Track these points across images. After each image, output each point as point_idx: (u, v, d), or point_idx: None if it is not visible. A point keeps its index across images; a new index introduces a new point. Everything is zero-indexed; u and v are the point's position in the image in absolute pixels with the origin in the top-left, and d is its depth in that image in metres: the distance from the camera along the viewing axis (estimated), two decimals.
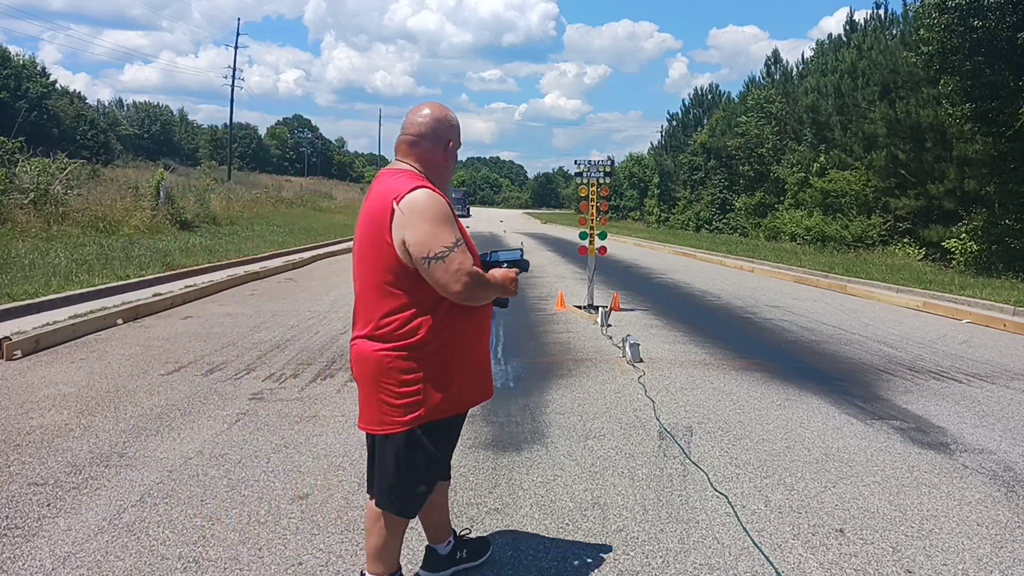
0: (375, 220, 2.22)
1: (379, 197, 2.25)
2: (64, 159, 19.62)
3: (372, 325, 2.25)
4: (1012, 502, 3.46)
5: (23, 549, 2.77)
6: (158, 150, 72.40)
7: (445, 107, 2.42)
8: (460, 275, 2.17)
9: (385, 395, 2.24)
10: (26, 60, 51.61)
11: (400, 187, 2.21)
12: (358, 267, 2.33)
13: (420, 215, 2.17)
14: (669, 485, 3.57)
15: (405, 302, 2.22)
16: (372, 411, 2.29)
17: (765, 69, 40.36)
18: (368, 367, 2.26)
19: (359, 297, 2.33)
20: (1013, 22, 13.94)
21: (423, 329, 2.22)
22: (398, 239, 2.17)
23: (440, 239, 2.17)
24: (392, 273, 2.20)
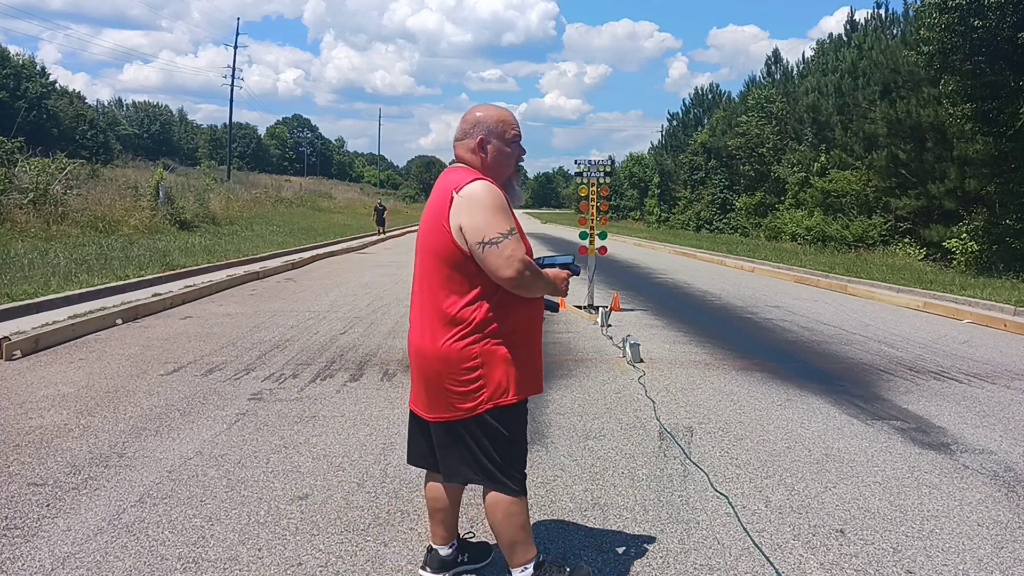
0: (436, 210, 2.34)
1: (440, 190, 2.38)
2: (63, 159, 19.62)
3: (433, 312, 2.34)
4: (1013, 502, 3.46)
5: (23, 549, 2.76)
6: (157, 150, 72.42)
7: (494, 107, 2.51)
8: (512, 261, 2.25)
9: (456, 381, 2.31)
10: (25, 60, 51.63)
11: (459, 179, 2.34)
12: (420, 258, 2.42)
13: (477, 203, 2.26)
14: (669, 485, 3.56)
15: (465, 289, 2.30)
16: (443, 400, 2.35)
17: (765, 69, 40.40)
18: (430, 354, 2.34)
19: (419, 285, 2.43)
20: (1013, 22, 13.94)
21: (480, 314, 2.30)
22: (455, 225, 2.27)
23: (495, 226, 2.25)
24: (451, 260, 2.30)
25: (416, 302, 2.45)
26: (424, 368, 2.37)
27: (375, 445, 4.05)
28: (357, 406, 4.83)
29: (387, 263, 16.93)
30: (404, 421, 4.50)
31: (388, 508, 3.22)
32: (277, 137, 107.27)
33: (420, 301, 2.42)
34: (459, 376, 2.30)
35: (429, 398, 2.38)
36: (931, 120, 19.99)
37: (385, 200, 50.61)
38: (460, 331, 2.29)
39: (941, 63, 15.83)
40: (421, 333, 2.38)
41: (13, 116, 30.81)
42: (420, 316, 2.40)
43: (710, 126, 41.43)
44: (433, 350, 2.32)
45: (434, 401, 2.37)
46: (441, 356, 2.31)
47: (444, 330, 2.31)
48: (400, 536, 2.95)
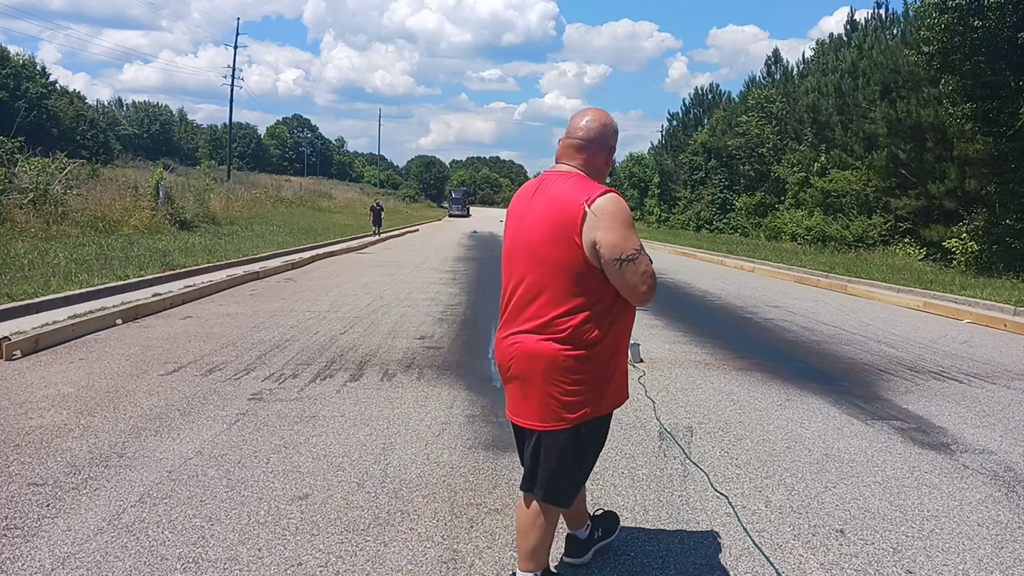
0: (562, 222, 2.28)
1: (559, 200, 2.31)
2: (63, 159, 19.61)
3: (543, 322, 2.31)
4: (1013, 502, 3.46)
5: (23, 549, 2.76)
6: (157, 150, 72.45)
7: (608, 113, 2.51)
8: (647, 276, 2.31)
9: (556, 392, 2.31)
10: (26, 60, 51.63)
11: (585, 190, 2.29)
12: (530, 266, 2.35)
13: (613, 218, 2.25)
14: (669, 485, 3.56)
15: (583, 303, 2.28)
16: (539, 408, 2.34)
17: (765, 69, 40.42)
18: (538, 364, 2.31)
19: (526, 294, 2.36)
20: (1013, 22, 13.94)
21: (597, 330, 2.30)
22: (588, 241, 2.24)
23: (631, 242, 2.27)
24: (576, 273, 2.27)
25: (521, 309, 2.37)
26: (535, 374, 2.32)
27: (375, 445, 4.05)
28: (357, 406, 4.83)
29: (387, 263, 16.93)
30: (404, 421, 4.51)
31: (388, 508, 3.22)
32: (277, 137, 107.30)
33: (529, 307, 2.35)
34: (566, 386, 2.30)
35: (530, 406, 2.35)
36: (931, 120, 19.99)
37: (385, 200, 50.54)
38: (575, 343, 2.28)
39: (941, 63, 15.84)
40: (534, 340, 2.32)
41: (13, 116, 30.83)
42: (528, 322, 2.34)
43: (710, 126, 41.44)
44: (544, 359, 2.30)
45: (538, 407, 2.34)
46: (553, 367, 2.29)
47: (559, 340, 2.29)
48: (400, 536, 2.95)
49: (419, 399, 5.05)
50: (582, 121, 2.46)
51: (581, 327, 2.28)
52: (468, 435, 4.27)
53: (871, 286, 13.28)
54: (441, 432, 4.32)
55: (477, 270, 15.78)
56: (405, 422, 4.50)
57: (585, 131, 2.44)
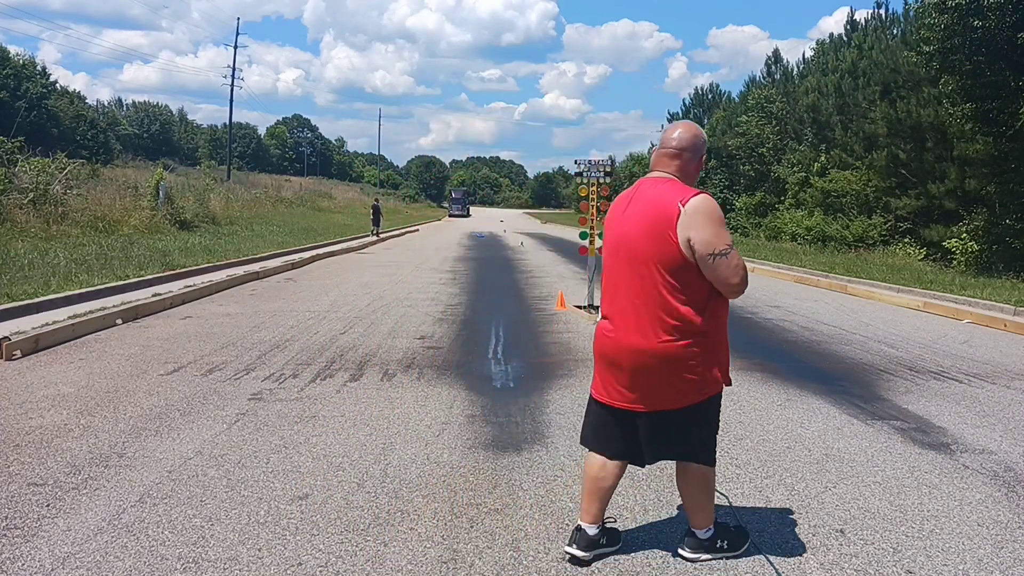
0: (658, 222, 2.53)
1: (656, 201, 2.58)
2: (63, 159, 19.61)
3: (649, 315, 2.56)
4: (1013, 502, 3.46)
5: (23, 549, 2.76)
6: (157, 150, 72.42)
7: (698, 125, 2.80)
8: (738, 269, 2.54)
9: (679, 378, 2.58)
10: (26, 60, 51.62)
11: (679, 192, 2.56)
12: (633, 264, 2.60)
13: (705, 216, 2.49)
14: (669, 485, 3.56)
15: (683, 295, 2.53)
16: (666, 393, 2.61)
17: (766, 69, 40.40)
18: (652, 355, 2.57)
19: (630, 290, 2.61)
20: (1013, 22, 13.94)
21: (701, 318, 2.55)
22: (683, 238, 2.49)
23: (723, 238, 2.51)
24: (674, 268, 2.52)
25: (626, 305, 2.61)
26: (649, 366, 2.57)
27: (375, 445, 4.05)
28: (357, 406, 4.83)
29: (387, 263, 16.93)
30: (404, 421, 4.51)
31: (388, 508, 3.22)
32: (277, 137, 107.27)
33: (633, 304, 2.59)
34: (683, 373, 2.56)
35: (662, 392, 2.60)
36: (931, 120, 19.99)
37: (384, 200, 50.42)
38: (681, 332, 2.53)
39: (941, 63, 15.83)
40: (638, 333, 2.57)
41: (13, 116, 30.82)
42: (635, 318, 2.58)
43: (710, 126, 41.39)
44: (655, 349, 2.55)
45: (669, 393, 2.60)
46: (665, 355, 2.55)
47: (666, 331, 2.54)
48: (400, 536, 2.95)
49: (419, 399, 5.04)
50: (675, 132, 2.72)
51: (685, 315, 2.53)
52: (468, 435, 4.27)
53: (871, 286, 13.28)
54: (441, 432, 4.32)
55: (477, 270, 15.78)
56: (405, 422, 4.50)
57: (678, 141, 2.70)
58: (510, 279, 14.15)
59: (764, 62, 43.35)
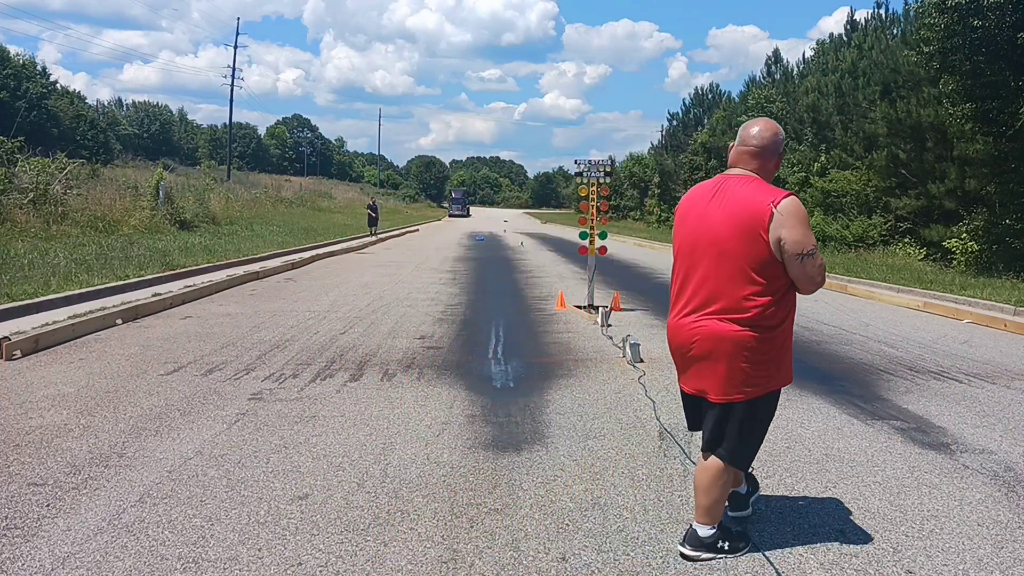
0: (750, 221, 2.62)
1: (746, 201, 2.66)
2: (63, 159, 19.62)
3: (728, 306, 2.66)
4: (1013, 502, 3.46)
5: (23, 549, 2.76)
6: (157, 150, 72.39)
7: (776, 123, 2.85)
8: (822, 268, 2.69)
9: (740, 369, 2.67)
10: (26, 60, 51.59)
11: (768, 193, 2.66)
12: (715, 259, 2.68)
13: (796, 218, 2.61)
14: (669, 485, 3.56)
15: (764, 291, 2.64)
16: (726, 382, 2.69)
17: (766, 68, 40.41)
18: (725, 345, 2.67)
19: (709, 283, 2.70)
20: (1013, 22, 13.93)
21: (775, 314, 2.67)
22: (774, 237, 2.59)
23: (810, 239, 2.63)
24: (760, 265, 2.62)
25: (705, 295, 2.71)
26: (720, 354, 2.67)
27: (375, 445, 4.05)
28: (357, 406, 4.83)
29: (387, 263, 16.93)
30: (404, 421, 4.51)
31: (388, 508, 3.22)
32: (277, 137, 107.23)
33: (713, 295, 2.69)
34: (752, 365, 2.66)
35: (723, 381, 2.70)
36: (931, 120, 19.97)
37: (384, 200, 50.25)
38: (757, 325, 2.65)
39: (941, 63, 15.82)
40: (720, 324, 2.67)
41: (13, 116, 30.80)
42: (715, 306, 2.68)
43: (710, 126, 41.40)
44: (730, 340, 2.65)
45: (727, 383, 2.69)
46: (738, 346, 2.65)
47: (743, 323, 2.65)
48: (400, 536, 2.95)
49: (419, 399, 5.04)
50: (754, 130, 2.78)
51: (762, 312, 2.64)
52: (468, 435, 4.27)
53: (871, 286, 13.28)
54: (441, 432, 4.32)
55: (477, 270, 15.78)
56: (405, 422, 4.50)
57: (759, 139, 2.76)
58: (510, 279, 14.15)
59: (764, 62, 43.37)
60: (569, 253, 21.27)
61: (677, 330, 2.81)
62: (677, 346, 2.82)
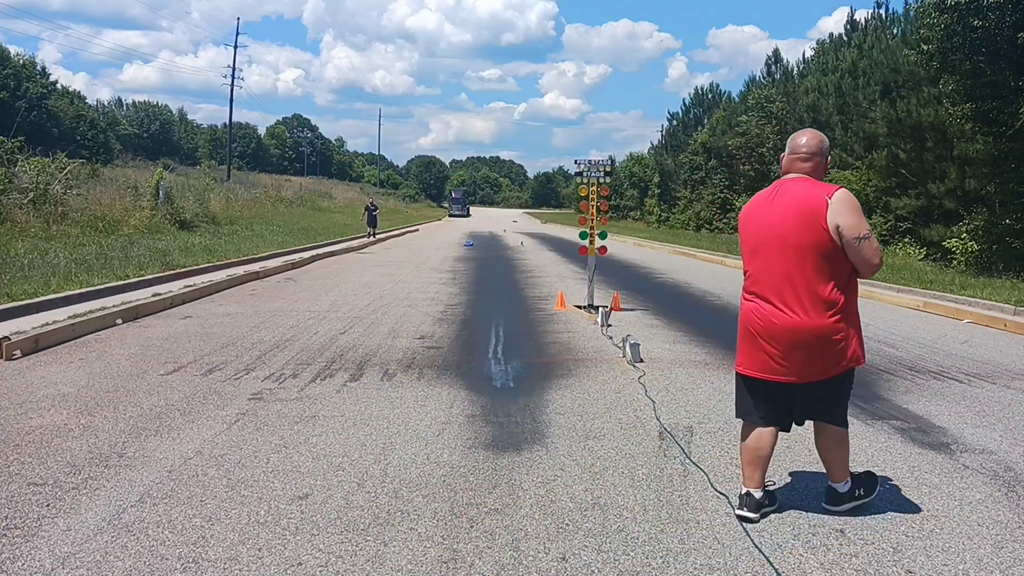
0: (810, 214, 2.98)
1: (804, 197, 3.03)
2: (63, 159, 19.63)
3: (811, 298, 2.99)
4: (1013, 502, 3.46)
5: (22, 549, 2.76)
6: (157, 150, 72.38)
7: (820, 132, 3.24)
8: (878, 250, 3.02)
9: (831, 349, 3.01)
10: (26, 60, 51.60)
11: (822, 188, 3.03)
12: (785, 252, 3.03)
13: (850, 207, 2.97)
14: (669, 485, 3.56)
15: (832, 276, 2.99)
16: (821, 363, 3.04)
17: (766, 68, 40.43)
18: (810, 331, 2.99)
19: (783, 275, 3.04)
20: (1013, 22, 13.92)
21: (845, 295, 3.02)
22: (832, 224, 2.94)
23: (864, 224, 2.99)
24: (824, 252, 2.97)
25: (781, 288, 3.04)
26: (807, 341, 3.00)
27: (375, 445, 4.05)
28: (357, 406, 4.83)
29: (387, 263, 16.93)
30: (404, 421, 4.51)
31: (388, 508, 3.22)
32: (277, 137, 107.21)
33: (789, 287, 3.02)
34: (835, 345, 3.00)
35: (815, 364, 3.04)
36: (931, 120, 19.97)
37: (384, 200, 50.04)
38: (834, 310, 2.98)
39: (941, 63, 15.82)
40: (795, 312, 3.00)
41: (13, 116, 30.80)
42: (793, 299, 3.01)
43: (710, 126, 41.40)
44: (814, 326, 2.98)
45: (820, 365, 3.04)
46: (822, 330, 2.98)
47: (820, 309, 2.98)
48: (400, 536, 2.95)
49: (419, 399, 5.05)
50: (803, 139, 3.18)
51: (834, 293, 2.98)
52: (468, 435, 4.27)
53: (871, 286, 13.27)
54: (441, 432, 4.32)
55: (477, 270, 15.78)
56: (405, 422, 4.50)
57: (808, 147, 3.16)
58: (510, 279, 14.16)
59: (764, 62, 43.38)
60: (569, 253, 21.27)
61: (756, 323, 3.12)
62: (755, 335, 3.13)
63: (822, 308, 2.97)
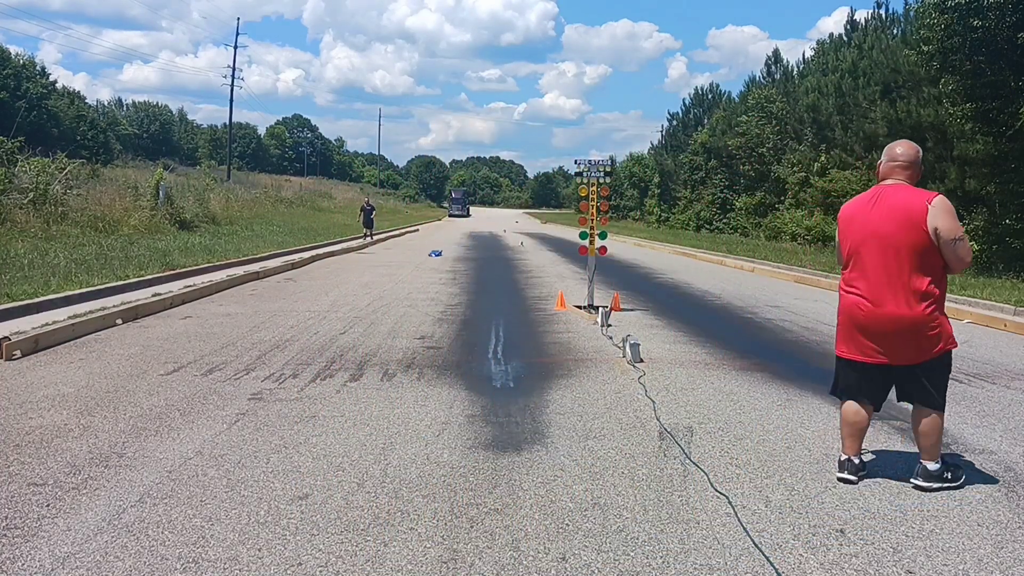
0: (912, 217, 3.40)
1: (906, 202, 3.45)
2: (63, 159, 19.63)
3: (909, 291, 3.41)
4: (1012, 502, 3.46)
5: (23, 549, 2.76)
6: (157, 150, 72.38)
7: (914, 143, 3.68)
8: (970, 250, 3.47)
9: (926, 336, 3.45)
10: (26, 60, 51.57)
11: (922, 195, 3.47)
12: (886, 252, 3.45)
13: (947, 211, 3.41)
14: (669, 485, 3.56)
15: (928, 272, 3.42)
16: (910, 350, 3.48)
17: (766, 68, 40.40)
18: (910, 322, 3.42)
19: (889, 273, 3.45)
20: (1013, 22, 13.93)
21: (938, 289, 3.46)
22: (932, 227, 3.36)
23: (959, 228, 3.41)
24: (923, 252, 3.40)
25: (882, 283, 3.46)
26: (904, 329, 3.43)
27: (375, 445, 4.05)
28: (357, 406, 4.83)
29: (387, 263, 16.93)
30: (404, 421, 4.51)
31: (388, 508, 3.22)
32: (277, 137, 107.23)
33: (889, 282, 3.44)
34: (929, 332, 3.44)
35: (909, 350, 3.47)
36: (931, 120, 19.96)
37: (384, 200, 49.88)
38: (929, 301, 3.42)
39: (941, 63, 15.82)
40: (894, 304, 3.43)
41: (13, 116, 30.79)
42: (891, 293, 3.43)
43: (710, 126, 41.37)
44: (912, 316, 3.42)
45: (913, 351, 3.47)
46: (918, 320, 3.42)
47: (918, 302, 3.41)
48: (400, 536, 2.95)
49: (419, 399, 5.05)
50: (899, 150, 3.62)
51: (929, 287, 3.41)
52: (468, 435, 4.27)
53: None
54: (441, 432, 4.32)
55: (477, 270, 15.78)
56: (405, 422, 4.50)
57: (905, 156, 3.59)
58: (510, 279, 14.16)
59: (764, 62, 43.35)
60: (569, 253, 21.27)
61: (858, 313, 3.53)
62: (857, 324, 3.55)
63: (918, 300, 3.39)
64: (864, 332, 3.53)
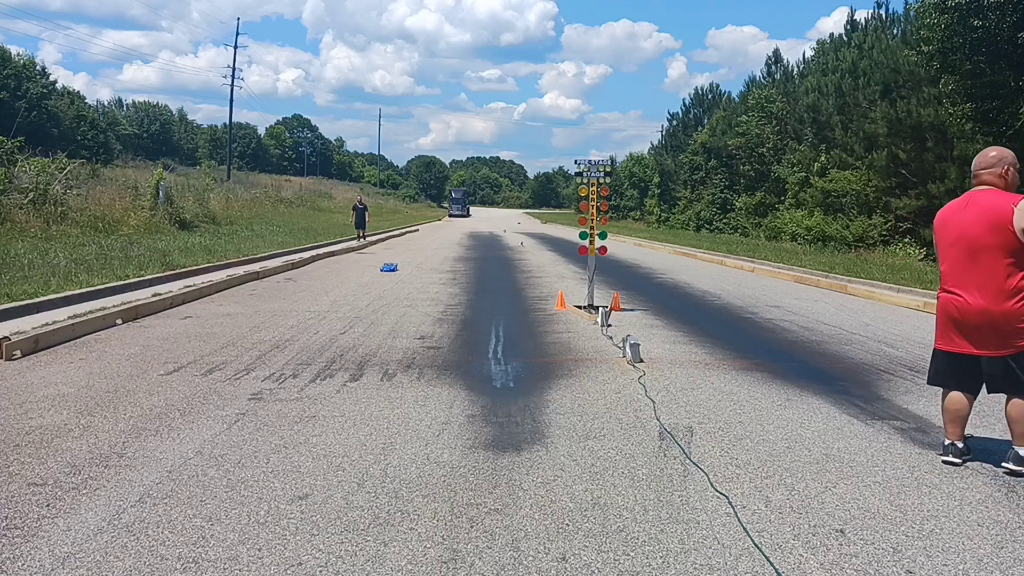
0: (1000, 219, 3.66)
1: (995, 206, 3.72)
2: (63, 159, 19.63)
3: (998, 288, 3.68)
4: (1012, 502, 3.45)
5: (22, 549, 2.76)
6: (157, 150, 72.39)
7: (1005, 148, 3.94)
8: None
9: (1011, 328, 3.68)
10: (26, 60, 51.53)
11: (1010, 198, 3.71)
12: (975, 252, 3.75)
13: None
14: (669, 485, 3.56)
15: (1016, 270, 3.66)
16: (1000, 341, 3.72)
17: (766, 68, 40.32)
18: (999, 316, 3.68)
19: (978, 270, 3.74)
20: (1013, 22, 13.93)
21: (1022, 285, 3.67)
22: (1019, 227, 3.61)
23: None
24: (1012, 251, 3.65)
25: (972, 280, 3.76)
26: (991, 323, 3.70)
27: (375, 445, 4.05)
28: (357, 406, 4.83)
29: (387, 263, 16.92)
30: (404, 421, 4.51)
31: (388, 508, 3.22)
32: (277, 137, 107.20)
33: (979, 279, 3.73)
34: (1018, 325, 3.66)
35: (998, 342, 3.71)
36: (931, 120, 19.96)
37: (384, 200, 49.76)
38: (1018, 298, 3.65)
39: (941, 63, 15.82)
40: (984, 300, 3.70)
41: (13, 116, 30.80)
42: (980, 290, 3.73)
43: (710, 126, 41.36)
44: (1001, 311, 3.68)
45: (1002, 343, 3.70)
46: (1007, 314, 3.67)
47: (1007, 298, 3.67)
48: (400, 536, 2.95)
49: (419, 399, 5.05)
50: (991, 155, 3.89)
51: (1015, 284, 3.65)
52: (468, 435, 4.27)
53: (871, 286, 13.27)
54: (441, 432, 4.32)
55: (477, 270, 15.78)
56: (405, 422, 4.50)
57: (998, 160, 3.84)
58: (510, 279, 14.16)
59: (764, 62, 43.33)
60: (569, 253, 21.26)
61: (952, 308, 3.84)
62: (951, 318, 3.86)
63: (1007, 296, 3.65)
64: (956, 326, 3.83)
